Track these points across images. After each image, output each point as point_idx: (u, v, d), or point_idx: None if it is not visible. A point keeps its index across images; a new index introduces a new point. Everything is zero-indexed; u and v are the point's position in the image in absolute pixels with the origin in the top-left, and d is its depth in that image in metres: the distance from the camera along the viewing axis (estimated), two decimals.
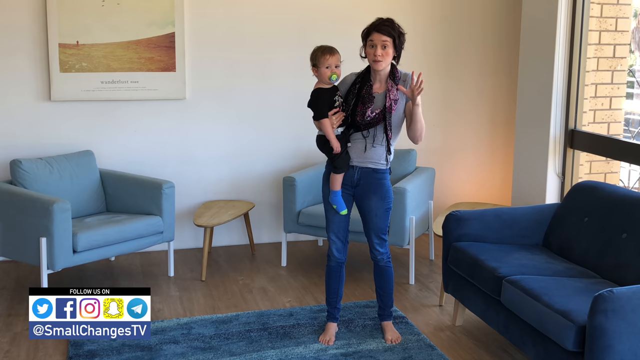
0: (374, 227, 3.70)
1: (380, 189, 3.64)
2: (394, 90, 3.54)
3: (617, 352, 2.82)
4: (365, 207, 3.68)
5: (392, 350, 3.71)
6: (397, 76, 3.56)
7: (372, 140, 3.58)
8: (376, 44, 3.47)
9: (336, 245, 3.76)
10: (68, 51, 4.92)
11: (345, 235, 3.77)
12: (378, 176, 3.63)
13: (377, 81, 3.58)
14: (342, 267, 3.83)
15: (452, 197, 5.88)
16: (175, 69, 5.12)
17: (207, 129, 5.34)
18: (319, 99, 3.61)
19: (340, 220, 3.73)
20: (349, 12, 5.42)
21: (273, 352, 3.68)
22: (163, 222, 4.61)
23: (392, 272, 3.82)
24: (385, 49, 3.47)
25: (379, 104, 3.55)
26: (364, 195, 3.66)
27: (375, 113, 3.52)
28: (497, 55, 5.82)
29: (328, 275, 3.83)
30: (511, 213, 4.12)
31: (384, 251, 3.76)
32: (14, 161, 4.55)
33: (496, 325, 3.57)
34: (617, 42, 4.97)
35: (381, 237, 3.72)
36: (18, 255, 4.37)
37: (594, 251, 3.68)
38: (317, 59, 3.58)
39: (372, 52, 3.49)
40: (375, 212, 3.66)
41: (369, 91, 3.56)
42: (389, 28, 3.48)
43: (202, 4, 5.17)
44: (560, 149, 4.92)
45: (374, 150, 3.59)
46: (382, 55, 3.47)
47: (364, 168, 3.62)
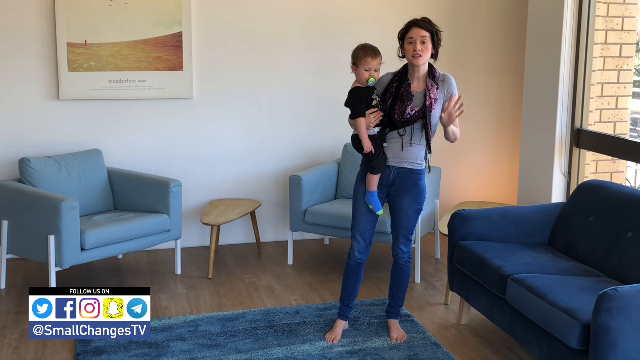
0: (403, 227, 3.71)
1: (415, 190, 3.65)
2: (434, 89, 3.55)
3: (622, 351, 2.83)
4: (396, 205, 3.69)
5: (398, 349, 3.73)
6: (436, 76, 3.58)
7: (410, 139, 3.58)
8: (415, 40, 3.49)
9: (359, 245, 3.76)
10: (76, 51, 4.95)
11: (370, 236, 3.77)
12: (414, 176, 3.64)
13: (416, 80, 3.59)
14: (362, 267, 3.82)
15: (458, 197, 5.88)
16: (182, 68, 5.14)
17: (214, 128, 5.37)
18: (356, 97, 3.57)
19: (368, 221, 3.73)
20: (357, 13, 5.43)
21: (279, 350, 3.70)
22: (170, 221, 4.64)
23: (409, 273, 3.84)
24: (425, 44, 3.49)
25: (418, 103, 3.55)
26: (398, 194, 3.67)
27: (415, 111, 3.53)
28: (503, 55, 5.83)
29: (346, 274, 3.83)
30: (517, 212, 4.13)
31: (407, 250, 3.77)
32: (23, 160, 4.58)
33: (501, 324, 3.58)
34: (624, 41, 4.97)
35: (407, 237, 3.73)
36: (27, 253, 4.40)
37: (599, 250, 3.69)
38: (358, 58, 3.54)
39: (411, 48, 3.50)
40: (407, 211, 3.68)
41: (408, 90, 3.56)
42: (427, 24, 3.52)
43: (210, 4, 5.20)
44: (567, 149, 4.92)
45: (411, 149, 3.59)
46: (422, 50, 3.48)
47: (401, 168, 3.63)
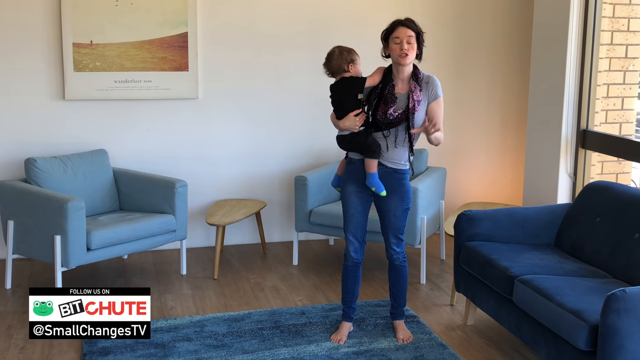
0: (392, 227, 3.71)
1: (400, 189, 3.65)
2: (417, 91, 3.54)
3: (630, 352, 2.82)
4: (384, 206, 3.70)
5: (404, 349, 3.73)
6: (419, 77, 3.57)
7: (394, 140, 3.59)
8: (402, 39, 3.48)
9: (353, 245, 3.77)
10: (82, 51, 4.95)
11: (362, 235, 3.78)
12: (398, 176, 3.64)
13: (400, 81, 3.59)
14: (359, 267, 3.84)
15: (463, 197, 5.88)
16: (188, 68, 5.15)
17: (219, 128, 5.37)
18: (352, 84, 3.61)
19: (359, 221, 3.74)
20: (361, 13, 5.43)
21: (285, 350, 3.70)
22: (176, 221, 4.64)
23: (406, 272, 3.84)
24: (411, 43, 3.49)
25: (402, 105, 3.55)
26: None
27: (398, 113, 3.53)
28: (508, 55, 5.82)
29: (344, 275, 3.84)
30: (523, 213, 4.13)
31: (400, 250, 3.77)
32: (29, 159, 4.59)
33: (508, 325, 3.58)
34: (629, 42, 4.97)
35: (398, 236, 3.73)
36: (32, 253, 4.41)
37: (605, 251, 3.68)
38: (356, 58, 3.62)
39: (397, 47, 3.50)
40: (394, 212, 3.68)
41: (392, 91, 3.57)
42: (412, 23, 3.53)
43: (215, 4, 5.20)
44: (572, 149, 4.92)
45: (395, 150, 3.60)
46: (409, 49, 3.49)
47: (385, 168, 3.63)
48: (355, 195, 3.69)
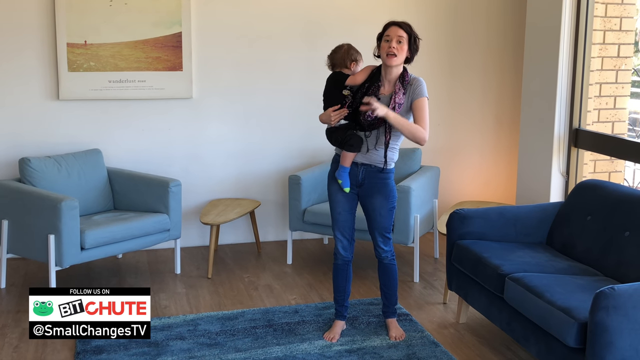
0: (378, 226, 3.72)
1: (384, 189, 3.66)
2: (400, 93, 3.52)
3: (618, 349, 2.84)
4: (369, 206, 3.71)
5: (396, 347, 3.75)
6: (406, 80, 3.55)
7: (375, 141, 3.59)
8: (392, 38, 3.47)
9: (342, 243, 3.79)
10: (76, 51, 4.97)
11: (351, 233, 3.80)
12: (382, 176, 3.65)
13: (387, 82, 3.58)
14: (349, 265, 3.85)
15: (456, 196, 5.90)
16: (182, 68, 5.16)
17: (213, 128, 5.38)
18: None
19: (346, 219, 3.75)
20: (355, 13, 5.45)
21: (278, 349, 3.72)
22: (170, 220, 4.65)
23: (396, 270, 3.85)
24: (401, 44, 3.47)
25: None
26: (368, 194, 3.68)
27: (377, 114, 3.47)
28: (502, 54, 5.84)
29: (335, 274, 3.86)
30: (514, 211, 4.15)
31: (388, 249, 3.79)
32: (23, 159, 4.60)
33: (499, 323, 3.60)
34: (622, 41, 4.99)
35: (385, 235, 3.75)
36: (26, 253, 4.42)
37: (596, 249, 3.70)
38: (357, 57, 3.68)
39: (386, 45, 3.48)
40: (380, 211, 3.68)
41: (376, 92, 3.55)
42: (406, 25, 3.51)
43: (209, 4, 5.21)
44: (565, 148, 4.94)
45: (376, 152, 3.59)
46: (397, 49, 3.46)
47: (368, 167, 3.64)
48: (341, 194, 3.70)
